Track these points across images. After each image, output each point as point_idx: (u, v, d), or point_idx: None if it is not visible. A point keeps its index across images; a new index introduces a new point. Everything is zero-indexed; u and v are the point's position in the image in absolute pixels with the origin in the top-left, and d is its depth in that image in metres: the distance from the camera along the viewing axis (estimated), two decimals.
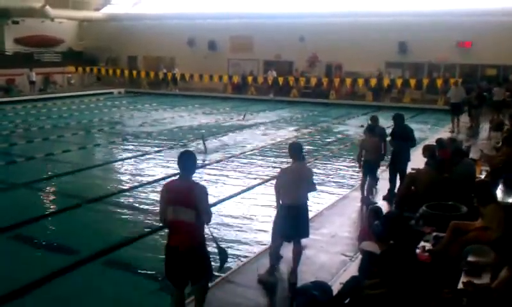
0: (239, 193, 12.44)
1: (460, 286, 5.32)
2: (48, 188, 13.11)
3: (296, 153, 7.22)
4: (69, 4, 36.29)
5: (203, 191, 5.55)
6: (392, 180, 11.03)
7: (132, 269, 8.43)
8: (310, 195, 7.42)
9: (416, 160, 11.12)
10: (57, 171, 14.48)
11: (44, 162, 15.77)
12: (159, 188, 12.57)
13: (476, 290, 5.04)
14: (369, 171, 10.82)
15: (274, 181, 7.46)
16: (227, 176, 14.18)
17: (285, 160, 15.99)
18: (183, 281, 5.73)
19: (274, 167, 14.96)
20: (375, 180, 11.17)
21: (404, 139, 10.92)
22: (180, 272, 5.60)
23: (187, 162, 5.61)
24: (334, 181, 13.59)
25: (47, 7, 33.17)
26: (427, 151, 10.19)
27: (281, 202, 7.12)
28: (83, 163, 15.71)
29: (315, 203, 11.36)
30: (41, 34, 36.61)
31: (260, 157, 16.56)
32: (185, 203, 5.44)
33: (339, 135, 20.80)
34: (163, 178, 13.66)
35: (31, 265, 8.48)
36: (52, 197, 12.47)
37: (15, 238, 9.63)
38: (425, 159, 10.12)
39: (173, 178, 6.09)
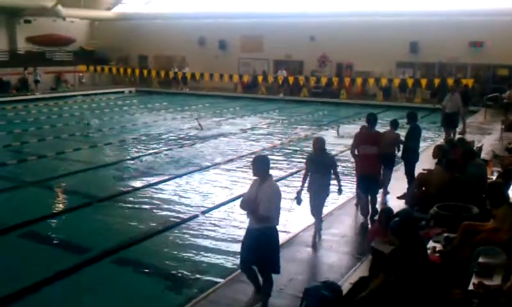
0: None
1: (471, 287, 5.29)
2: (59, 186, 13.17)
3: (262, 168, 6.28)
4: (81, 3, 36.39)
5: (379, 133, 9.78)
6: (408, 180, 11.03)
7: (142, 268, 8.46)
8: None
9: (426, 161, 11.09)
10: (68, 170, 14.55)
11: (55, 160, 15.87)
12: (169, 187, 12.77)
13: (487, 292, 5.01)
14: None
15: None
16: (236, 176, 14.18)
17: (292, 159, 16.05)
18: (368, 190, 9.41)
19: (282, 168, 14.98)
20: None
21: (410, 139, 10.93)
22: (367, 184, 9.38)
23: (374, 120, 9.53)
24: (344, 181, 13.51)
25: (59, 6, 33.29)
26: (439, 151, 10.15)
27: (272, 224, 6.18)
28: (94, 162, 15.78)
29: (326, 202, 11.38)
30: (53, 33, 36.78)
31: (272, 157, 16.54)
32: (371, 143, 9.28)
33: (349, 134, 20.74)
34: (174, 177, 13.75)
35: (41, 262, 8.53)
36: (63, 196, 12.53)
37: (26, 236, 9.70)
38: (434, 160, 10.11)
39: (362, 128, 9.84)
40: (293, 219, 10.33)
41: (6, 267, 8.30)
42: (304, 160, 8.95)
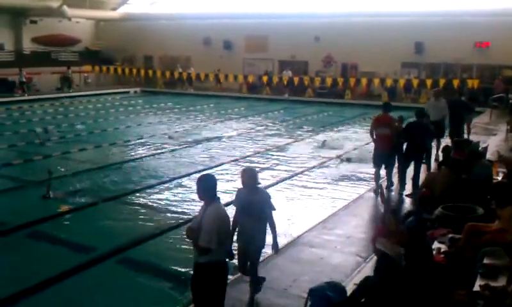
0: None
1: (476, 288, 5.27)
2: (64, 186, 13.17)
3: (206, 189, 5.33)
4: (86, 3, 36.51)
5: (394, 118, 11.41)
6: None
7: (147, 267, 8.47)
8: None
9: None
10: (73, 170, 14.57)
11: (60, 160, 15.89)
12: (174, 187, 12.78)
13: (493, 293, 4.99)
14: None
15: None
16: (235, 177, 14.11)
17: (299, 159, 16.04)
18: (381, 163, 11.37)
19: (290, 168, 14.98)
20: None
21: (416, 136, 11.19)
22: (382, 157, 11.28)
23: (389, 107, 11.64)
24: (348, 182, 13.53)
25: (65, 6, 33.43)
26: (444, 152, 10.14)
27: (215, 258, 5.25)
28: (99, 162, 15.80)
29: (330, 204, 11.39)
30: (59, 34, 36.95)
31: (276, 158, 16.59)
32: (386, 125, 11.12)
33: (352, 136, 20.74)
34: (179, 177, 13.76)
35: (46, 262, 8.56)
36: (68, 196, 12.52)
37: (32, 236, 9.73)
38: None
39: (378, 114, 11.84)
40: (296, 220, 10.37)
41: (12, 266, 8.35)
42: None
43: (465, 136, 16.56)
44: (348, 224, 9.55)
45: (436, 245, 6.79)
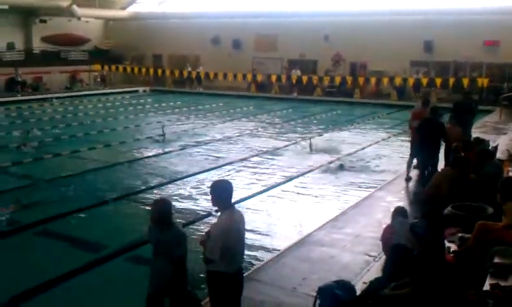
0: (264, 191, 12.46)
1: (486, 287, 5.25)
2: (74, 185, 13.25)
3: (216, 197, 5.17)
4: (96, 3, 36.68)
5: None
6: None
7: None
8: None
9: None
10: (83, 168, 14.65)
11: (70, 159, 15.98)
12: (184, 186, 12.81)
13: (503, 292, 4.98)
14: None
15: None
16: (244, 176, 14.21)
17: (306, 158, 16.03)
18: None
19: (300, 167, 14.98)
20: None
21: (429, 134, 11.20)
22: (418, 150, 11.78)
23: (427, 101, 13.26)
24: (358, 181, 13.51)
25: (74, 6, 33.60)
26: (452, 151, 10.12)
27: (223, 268, 5.09)
28: (109, 160, 15.87)
29: (340, 203, 11.39)
30: (68, 33, 37.10)
31: (285, 156, 16.59)
32: (421, 119, 11.71)
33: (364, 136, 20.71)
34: (189, 175, 13.81)
35: (56, 260, 8.62)
36: (77, 194, 12.60)
37: (42, 234, 9.79)
38: None
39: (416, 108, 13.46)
40: (306, 218, 10.38)
41: (21, 264, 8.39)
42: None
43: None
44: (358, 223, 9.54)
45: (446, 244, 6.76)
